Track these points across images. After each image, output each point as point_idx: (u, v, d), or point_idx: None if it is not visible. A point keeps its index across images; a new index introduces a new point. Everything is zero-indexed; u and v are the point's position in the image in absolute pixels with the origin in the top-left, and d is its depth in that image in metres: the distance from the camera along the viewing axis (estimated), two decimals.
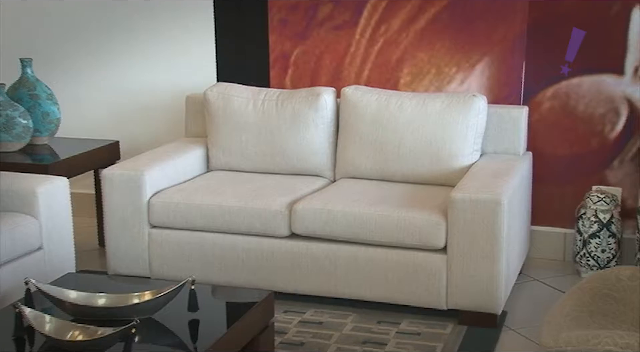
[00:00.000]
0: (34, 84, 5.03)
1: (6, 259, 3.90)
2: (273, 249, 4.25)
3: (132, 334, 2.88)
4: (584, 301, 3.05)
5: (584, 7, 4.55)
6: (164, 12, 5.35)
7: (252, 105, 4.77)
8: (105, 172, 4.49)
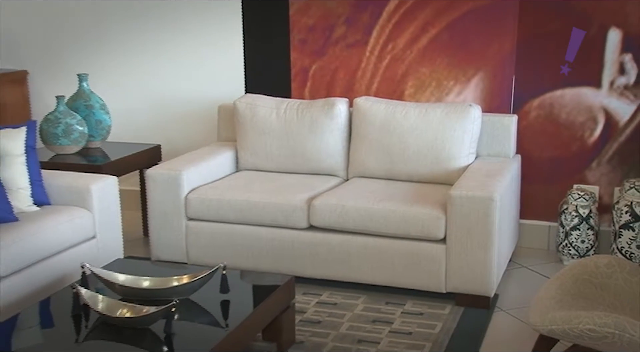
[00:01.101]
0: (89, 95, 5.04)
1: (66, 246, 3.96)
2: (293, 239, 4.25)
3: (172, 312, 2.91)
4: (566, 286, 3.03)
5: (567, 29, 4.52)
6: (200, 35, 5.35)
7: (275, 114, 4.76)
8: (148, 172, 4.51)
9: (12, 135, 4.00)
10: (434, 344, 3.57)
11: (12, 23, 5.86)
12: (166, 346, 2.84)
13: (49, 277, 3.84)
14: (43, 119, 4.86)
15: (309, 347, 3.57)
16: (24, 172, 4.00)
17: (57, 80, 5.80)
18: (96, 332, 2.97)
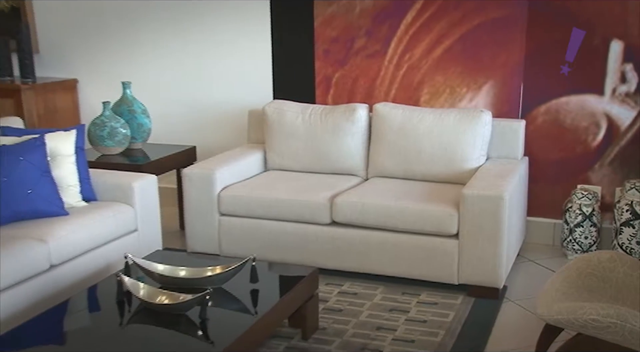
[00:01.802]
0: (132, 101, 5.07)
1: (111, 238, 4.01)
2: (317, 234, 4.25)
3: (206, 299, 2.93)
4: (571, 279, 3.02)
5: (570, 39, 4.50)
6: (233, 46, 5.37)
7: (301, 118, 4.77)
8: (185, 171, 4.52)
9: (63, 138, 4.05)
10: (447, 332, 3.56)
11: (64, 37, 5.91)
12: (201, 331, 2.87)
13: (96, 266, 3.89)
14: (91, 123, 4.89)
15: (331, 333, 3.57)
16: (73, 171, 4.03)
17: (103, 88, 5.82)
18: (138, 317, 3.00)
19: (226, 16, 5.33)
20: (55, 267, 3.64)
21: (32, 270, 3.49)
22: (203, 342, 2.79)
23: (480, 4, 4.63)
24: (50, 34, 5.94)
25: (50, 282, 3.60)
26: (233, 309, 3.10)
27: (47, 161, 3.89)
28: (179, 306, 2.97)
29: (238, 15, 5.29)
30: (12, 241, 3.51)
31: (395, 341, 3.48)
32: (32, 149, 3.84)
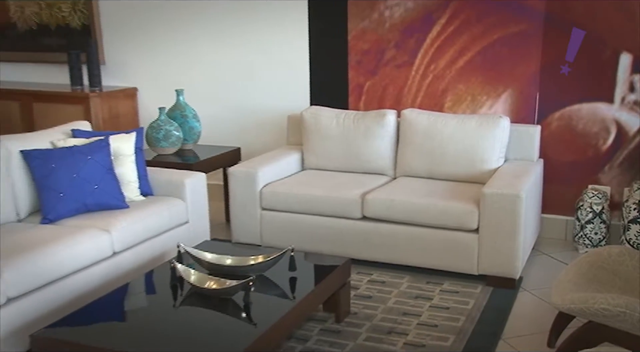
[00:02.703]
0: (184, 107, 5.10)
1: (165, 229, 4.05)
2: (349, 227, 4.24)
3: (250, 285, 2.95)
4: (583, 271, 3.00)
5: (584, 51, 4.45)
6: (274, 56, 5.37)
7: (335, 122, 4.76)
8: (230, 170, 4.54)
9: (125, 139, 4.10)
10: (467, 318, 3.55)
11: (126, 51, 5.96)
12: (245, 313, 2.89)
13: (152, 254, 3.93)
14: (148, 126, 4.92)
15: (361, 317, 3.57)
16: (133, 168, 4.08)
17: (159, 95, 5.86)
18: (189, 300, 3.02)
19: (269, 31, 5.34)
20: (117, 254, 3.69)
21: (98, 256, 3.56)
22: (247, 324, 2.81)
23: (500, 19, 4.60)
24: (114, 48, 6.00)
25: (113, 267, 3.65)
26: (273, 294, 3.11)
27: (111, 160, 3.95)
28: (226, 291, 2.99)
29: (279, 30, 5.30)
30: (81, 230, 3.58)
31: (419, 325, 3.47)
32: (98, 149, 3.90)
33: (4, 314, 3.09)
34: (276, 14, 5.29)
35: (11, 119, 5.97)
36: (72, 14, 6.07)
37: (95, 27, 5.96)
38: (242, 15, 5.40)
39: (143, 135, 4.31)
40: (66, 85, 6.04)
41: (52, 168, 3.78)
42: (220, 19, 5.49)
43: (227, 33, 5.49)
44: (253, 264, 3.26)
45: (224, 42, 5.53)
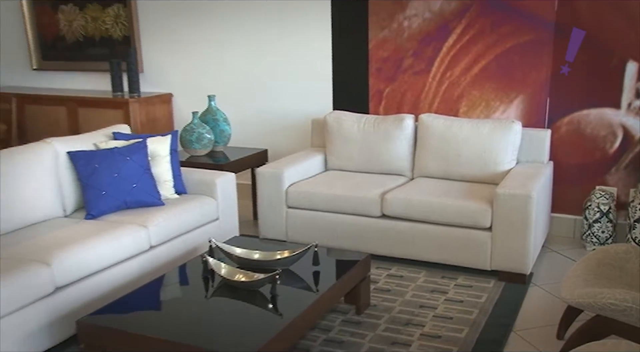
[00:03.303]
0: (216, 111, 5.11)
1: (197, 225, 4.07)
2: (369, 225, 4.24)
3: (276, 278, 2.95)
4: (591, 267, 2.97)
5: (592, 60, 4.41)
6: (299, 64, 5.38)
7: (356, 126, 4.76)
8: (258, 170, 4.55)
9: (161, 141, 4.12)
10: (480, 310, 3.53)
11: (162, 59, 6.00)
12: (271, 304, 2.89)
13: (185, 248, 3.95)
14: (182, 129, 4.94)
15: (380, 309, 3.56)
16: (168, 168, 4.10)
17: (193, 100, 5.90)
18: (219, 291, 3.04)
19: (294, 41, 5.35)
20: (153, 248, 3.72)
21: (136, 249, 3.59)
22: (273, 314, 2.81)
23: (512, 29, 4.56)
24: (152, 57, 6.04)
25: (149, 260, 3.68)
26: (298, 287, 3.11)
27: (148, 161, 3.97)
28: (254, 283, 3.00)
29: (304, 40, 5.31)
30: (121, 225, 3.61)
31: (435, 317, 3.46)
32: (136, 150, 3.93)
33: (53, 301, 3.15)
34: (301, 25, 5.29)
35: (59, 122, 6.03)
36: (114, 26, 6.13)
37: (134, 38, 6.01)
38: (270, 27, 5.42)
39: (177, 138, 4.33)
40: (108, 92, 6.10)
41: (95, 168, 3.82)
42: (249, 31, 5.51)
43: (256, 43, 5.51)
44: (279, 258, 3.27)
45: (253, 52, 5.55)
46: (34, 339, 3.08)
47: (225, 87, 5.73)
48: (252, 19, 5.47)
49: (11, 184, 3.59)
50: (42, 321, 3.09)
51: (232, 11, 5.54)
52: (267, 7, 5.39)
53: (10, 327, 2.96)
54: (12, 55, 6.78)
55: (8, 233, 3.56)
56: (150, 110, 5.78)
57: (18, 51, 6.73)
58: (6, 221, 3.55)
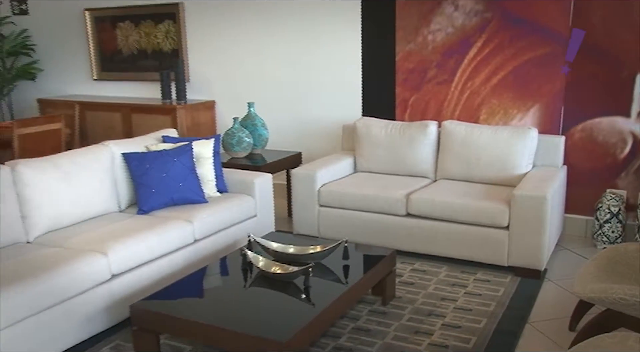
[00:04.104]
0: (254, 117, 5.11)
1: (237, 221, 4.08)
2: (395, 223, 4.22)
3: (309, 271, 2.96)
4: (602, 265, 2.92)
5: (605, 72, 4.34)
6: (332, 74, 5.39)
7: (384, 131, 4.74)
8: (293, 171, 4.56)
9: (205, 144, 4.14)
10: (497, 303, 3.50)
11: (207, 70, 6.06)
12: (304, 295, 2.90)
13: (226, 242, 3.97)
14: (224, 133, 4.95)
15: (405, 301, 3.55)
16: (211, 169, 4.12)
17: (234, 107, 5.93)
18: (257, 282, 3.05)
19: (327, 53, 5.36)
20: (197, 241, 3.75)
21: (182, 242, 3.62)
22: (306, 304, 2.82)
23: (529, 43, 4.51)
24: (197, 68, 6.10)
25: (193, 252, 3.70)
26: (329, 279, 3.11)
27: (193, 162, 3.99)
28: (288, 275, 3.01)
29: (336, 51, 5.31)
30: (169, 220, 3.64)
31: (455, 309, 3.44)
32: (183, 152, 3.95)
33: (109, 288, 3.20)
34: (334, 39, 5.30)
35: (114, 127, 6.12)
36: (165, 41, 6.21)
37: (182, 50, 6.08)
38: (305, 40, 5.43)
39: (220, 141, 4.36)
40: (158, 99, 6.17)
41: (147, 168, 3.86)
42: (287, 44, 5.53)
43: (292, 55, 5.54)
44: (312, 252, 3.28)
45: (289, 63, 5.57)
46: (94, 320, 3.14)
47: (263, 95, 5.76)
48: (289, 33, 5.50)
49: (74, 181, 3.66)
50: (100, 305, 3.15)
51: (270, 26, 5.57)
52: (303, 23, 5.41)
53: (75, 309, 3.03)
54: (76, 68, 6.91)
55: (71, 225, 3.63)
56: (195, 116, 5.83)
57: (81, 64, 6.86)
58: (70, 215, 3.62)
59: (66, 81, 7.01)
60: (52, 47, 7.00)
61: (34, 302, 2.83)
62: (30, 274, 2.89)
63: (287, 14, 5.48)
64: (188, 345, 3.10)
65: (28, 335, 2.83)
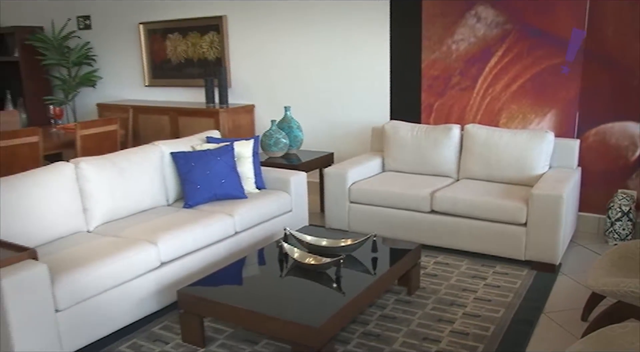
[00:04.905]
0: (290, 120, 5.14)
1: (274, 215, 4.09)
2: (420, 219, 4.21)
3: (341, 263, 2.97)
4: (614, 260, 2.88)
5: (615, 80, 4.26)
6: (362, 81, 5.38)
7: (410, 134, 4.73)
8: (325, 170, 4.56)
9: (245, 145, 4.16)
10: (515, 295, 3.47)
11: (247, 76, 6.10)
12: (336, 284, 2.90)
13: (264, 234, 3.99)
14: (262, 135, 5.00)
15: (428, 291, 3.54)
16: (251, 167, 4.14)
17: (271, 110, 5.96)
18: (292, 272, 3.06)
19: (357, 61, 5.36)
20: (238, 234, 3.77)
21: (224, 234, 3.65)
22: (338, 293, 2.82)
23: (546, 52, 4.45)
24: (238, 74, 6.14)
25: (234, 244, 3.73)
26: (359, 270, 3.11)
27: (234, 161, 4.02)
28: (321, 266, 3.02)
29: (366, 60, 5.31)
30: (212, 214, 3.67)
31: (476, 299, 3.43)
32: (225, 152, 3.98)
33: (159, 274, 3.25)
34: (364, 47, 5.30)
35: (163, 128, 6.20)
36: (209, 50, 6.27)
37: (225, 59, 6.14)
38: (337, 48, 5.44)
39: (258, 142, 4.38)
40: (202, 103, 6.24)
41: (192, 166, 3.90)
42: (320, 52, 5.55)
43: (325, 62, 5.55)
44: (343, 245, 3.28)
45: (323, 70, 5.58)
46: (146, 303, 3.20)
47: (299, 100, 5.78)
48: (322, 42, 5.51)
49: (128, 177, 3.72)
50: (151, 289, 3.21)
51: (305, 37, 5.59)
52: (335, 33, 5.42)
53: (129, 292, 3.09)
54: (130, 75, 7.03)
55: (125, 217, 3.70)
56: (236, 118, 5.87)
57: (135, 72, 6.98)
58: (124, 208, 3.68)
59: (121, 87, 7.14)
60: (110, 57, 7.14)
61: (96, 284, 2.90)
62: (93, 259, 2.96)
63: (320, 25, 5.49)
64: (229, 328, 3.15)
65: (91, 313, 2.90)
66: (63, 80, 7.15)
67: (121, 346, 3.00)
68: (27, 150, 4.58)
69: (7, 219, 3.07)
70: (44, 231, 3.24)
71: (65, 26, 7.25)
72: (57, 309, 2.74)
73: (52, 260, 2.95)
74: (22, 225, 3.14)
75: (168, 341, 3.04)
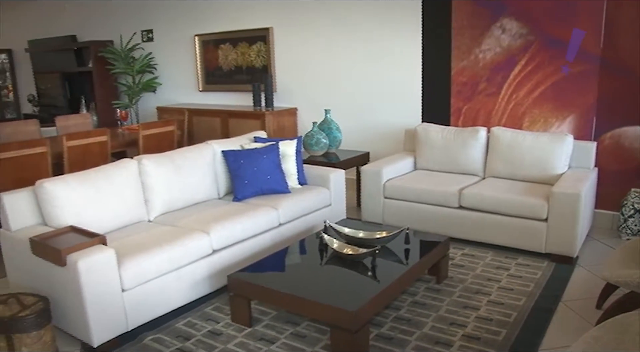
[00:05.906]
0: (330, 121, 5.15)
1: (315, 209, 4.08)
2: (449, 214, 4.18)
3: (376, 253, 2.98)
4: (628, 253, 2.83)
5: (630, 87, 4.14)
6: (397, 87, 5.37)
7: (440, 135, 4.70)
8: (362, 168, 4.55)
9: (289, 144, 4.17)
10: (535, 284, 3.43)
11: (290, 82, 6.14)
12: (371, 273, 2.92)
13: (306, 226, 3.99)
14: (304, 135, 5.03)
15: (456, 280, 3.53)
16: (294, 165, 4.14)
17: (313, 113, 5.99)
18: (331, 261, 3.08)
19: (392, 68, 5.35)
20: (282, 225, 3.78)
21: (269, 225, 3.66)
22: (373, 281, 2.84)
23: (566, 61, 4.35)
24: (283, 80, 6.19)
25: (278, 234, 3.74)
26: (393, 260, 3.11)
27: (279, 159, 4.03)
28: (358, 256, 3.03)
29: (400, 68, 5.29)
30: (259, 207, 3.70)
31: (499, 288, 3.40)
32: (271, 151, 4.00)
33: (211, 260, 3.30)
34: (398, 55, 5.29)
35: (215, 129, 6.29)
36: (257, 58, 6.34)
37: (270, 66, 6.19)
38: (374, 56, 5.44)
39: (301, 142, 4.40)
40: (250, 107, 6.31)
41: (241, 163, 3.92)
42: (358, 59, 5.55)
43: (362, 69, 5.55)
44: (378, 237, 3.29)
45: (360, 76, 5.59)
46: (199, 286, 3.26)
47: (338, 103, 5.80)
48: (360, 51, 5.52)
49: (184, 173, 3.79)
50: (204, 274, 3.26)
51: (343, 46, 5.60)
52: (371, 43, 5.42)
53: (185, 275, 3.16)
54: (187, 81, 7.17)
55: (181, 209, 3.77)
56: (280, 120, 5.91)
57: (190, 78, 7.11)
58: (180, 200, 3.75)
59: (178, 92, 7.29)
60: (169, 65, 7.30)
61: (157, 268, 2.98)
62: (153, 245, 3.04)
63: (358, 36, 5.49)
64: (273, 310, 3.19)
65: (151, 294, 2.98)
66: (128, 87, 7.35)
67: (177, 324, 3.07)
68: (98, 148, 4.72)
69: (81, 209, 3.18)
70: (111, 220, 3.33)
71: (131, 39, 7.44)
72: (123, 288, 2.83)
73: (119, 246, 3.03)
74: (93, 214, 3.23)
75: (219, 320, 3.10)
